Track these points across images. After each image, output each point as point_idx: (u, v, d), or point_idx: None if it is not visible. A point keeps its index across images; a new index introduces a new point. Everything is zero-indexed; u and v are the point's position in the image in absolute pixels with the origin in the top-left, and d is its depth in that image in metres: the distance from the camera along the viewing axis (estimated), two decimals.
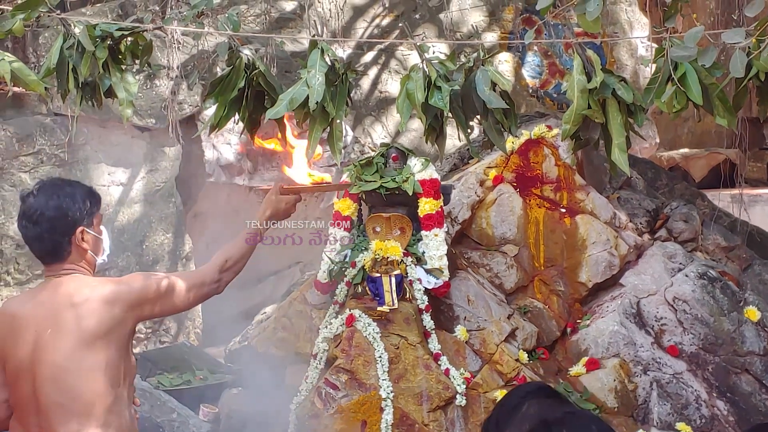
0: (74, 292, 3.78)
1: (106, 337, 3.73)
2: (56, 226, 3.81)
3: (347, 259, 5.97)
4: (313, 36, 4.98)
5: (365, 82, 11.25)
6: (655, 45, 4.72)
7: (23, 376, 3.78)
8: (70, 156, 8.72)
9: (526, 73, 11.62)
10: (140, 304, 3.83)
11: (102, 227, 4.02)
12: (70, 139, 8.65)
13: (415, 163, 6.03)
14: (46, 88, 5.19)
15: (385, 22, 11.35)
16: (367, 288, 5.82)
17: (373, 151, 9.20)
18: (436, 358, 5.70)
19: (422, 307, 5.79)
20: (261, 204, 4.40)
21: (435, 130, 5.00)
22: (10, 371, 3.83)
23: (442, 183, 6.22)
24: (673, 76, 4.40)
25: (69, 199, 3.85)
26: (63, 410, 3.71)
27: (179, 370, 7.24)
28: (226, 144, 9.88)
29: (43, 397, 3.73)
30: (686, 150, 14.43)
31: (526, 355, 6.04)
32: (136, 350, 8.49)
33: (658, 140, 12.68)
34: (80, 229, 3.83)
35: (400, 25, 11.11)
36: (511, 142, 6.53)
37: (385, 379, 5.48)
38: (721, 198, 8.22)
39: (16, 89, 7.61)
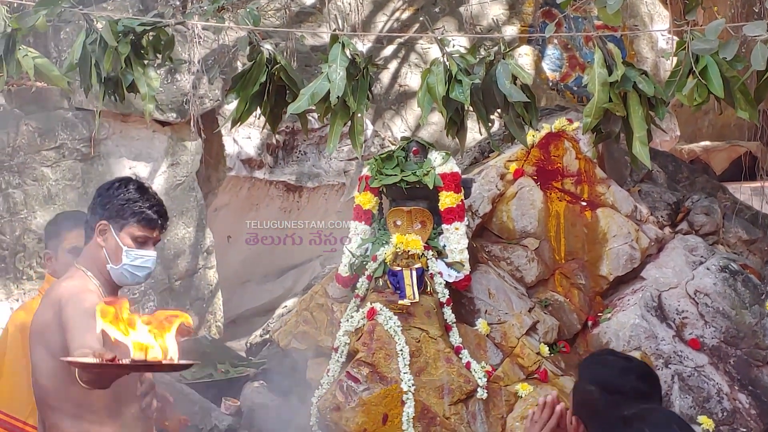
0: (54, 285, 3.83)
1: (40, 335, 3.74)
2: (91, 206, 3.86)
3: (368, 253, 5.99)
4: (334, 30, 5.00)
5: (385, 76, 11.26)
6: (676, 38, 4.70)
7: (32, 356, 3.86)
8: (93, 150, 8.76)
9: (547, 66, 11.61)
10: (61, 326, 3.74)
11: (143, 246, 3.94)
12: (93, 133, 8.69)
13: (435, 156, 6.04)
14: (68, 83, 5.23)
15: (405, 15, 11.35)
16: (388, 281, 5.83)
17: (393, 144, 9.22)
18: (457, 351, 5.71)
19: (443, 300, 5.79)
20: None
21: (456, 124, 5.01)
22: (29, 351, 3.92)
23: (463, 176, 6.23)
24: (694, 68, 4.39)
25: (111, 191, 3.87)
26: (41, 403, 3.78)
27: (201, 364, 7.28)
28: (246, 138, 9.91)
29: (34, 385, 3.82)
30: (707, 143, 14.36)
31: (547, 348, 6.04)
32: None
33: (678, 133, 12.64)
34: (102, 222, 3.84)
35: (420, 18, 11.11)
36: (532, 136, 6.53)
37: (406, 373, 5.49)
38: (743, 191, 8.19)
39: (39, 84, 7.66)
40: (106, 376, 3.25)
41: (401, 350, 5.54)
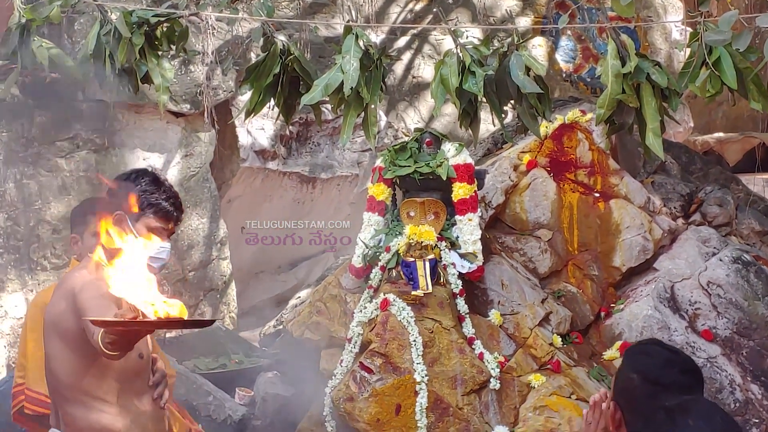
0: (69, 275, 3.85)
1: (55, 324, 3.76)
2: (111, 196, 3.88)
3: (381, 244, 6.00)
4: (348, 22, 5.01)
5: (399, 68, 11.25)
6: (689, 29, 4.71)
7: (46, 345, 3.90)
8: (106, 141, 8.79)
9: (560, 57, 11.59)
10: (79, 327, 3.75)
11: (162, 237, 3.97)
12: (107, 124, 8.72)
13: (449, 147, 6.04)
14: (83, 73, 5.26)
15: (419, 6, 11.35)
16: (401, 272, 5.84)
17: (406, 136, 9.23)
18: (470, 342, 5.72)
19: (456, 291, 5.80)
20: None
21: (469, 115, 5.03)
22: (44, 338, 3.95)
23: (476, 167, 6.23)
24: (707, 60, 4.40)
25: (130, 184, 3.89)
26: (54, 391, 3.81)
27: (215, 354, 7.31)
28: (260, 129, 9.93)
29: (48, 373, 3.84)
30: (721, 134, 14.32)
31: (560, 339, 6.05)
32: (171, 335, 8.57)
33: (692, 124, 12.61)
34: (119, 212, 3.87)
35: (434, 10, 11.10)
36: (545, 127, 6.52)
37: (419, 363, 5.51)
38: (756, 182, 8.19)
39: (53, 75, 7.68)
40: (129, 336, 3.26)
41: (414, 341, 5.55)
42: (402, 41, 11.24)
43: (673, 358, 3.21)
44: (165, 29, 5.23)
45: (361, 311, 5.82)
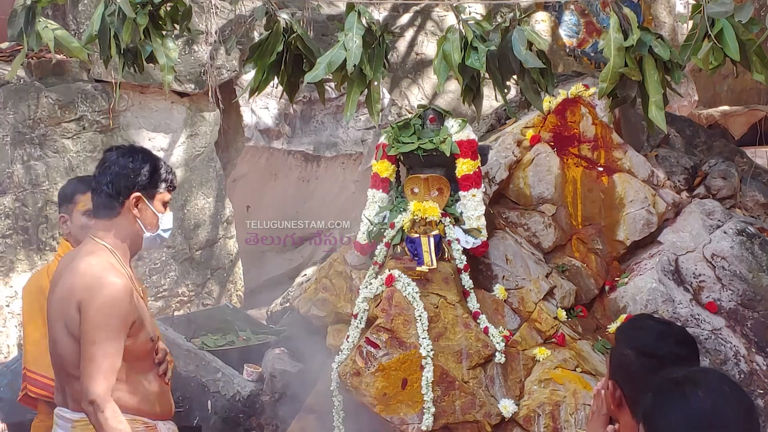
0: (77, 259, 3.88)
1: (63, 314, 3.80)
2: (115, 182, 3.91)
3: (386, 221, 6.02)
4: None
5: (402, 45, 11.26)
6: (692, 1, 4.71)
7: (49, 329, 3.94)
8: (112, 122, 8.82)
9: (563, 32, 11.59)
10: (80, 310, 3.81)
11: (166, 209, 4.07)
12: (113, 105, 8.76)
13: (452, 124, 6.06)
14: (88, 54, 5.28)
15: None
16: (406, 248, 5.86)
17: (410, 113, 9.25)
18: (475, 316, 5.75)
19: (461, 266, 5.83)
20: None
21: (472, 91, 5.04)
22: (47, 320, 4.00)
23: (480, 143, 6.25)
24: (709, 32, 4.41)
25: (137, 163, 3.93)
26: (67, 372, 3.84)
27: (222, 331, 7.36)
28: (264, 108, 9.95)
29: (55, 357, 3.88)
30: (726, 107, 14.30)
31: (565, 313, 6.07)
32: (180, 312, 8.63)
33: (696, 98, 12.60)
34: (136, 194, 3.92)
35: None
36: (548, 102, 6.53)
37: (425, 338, 5.54)
38: (761, 155, 8.20)
39: (58, 56, 7.71)
40: None
41: (420, 316, 5.58)
42: (405, 18, 11.25)
43: (667, 330, 3.23)
44: (169, 9, 5.23)
45: (366, 287, 5.85)
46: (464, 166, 5.95)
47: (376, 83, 5.07)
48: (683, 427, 2.53)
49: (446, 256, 5.85)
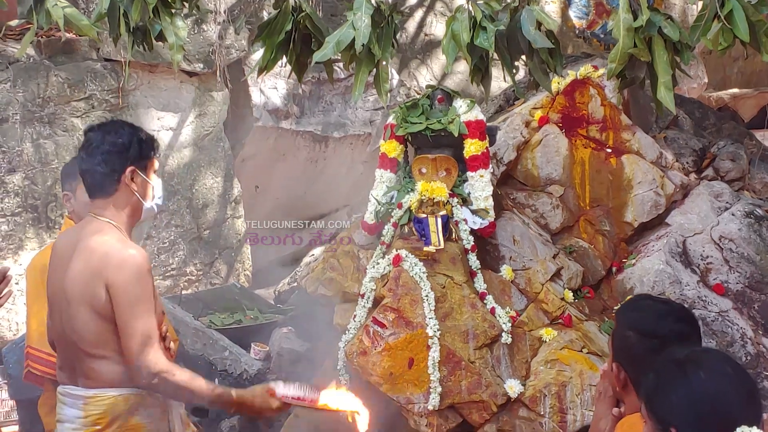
0: (88, 238, 3.88)
1: (85, 291, 3.81)
2: (108, 160, 3.91)
3: (394, 201, 6.02)
4: None
5: (411, 25, 11.24)
6: None
7: (55, 310, 3.95)
8: (121, 101, 8.83)
9: (573, 13, 11.52)
10: (109, 287, 3.80)
11: (155, 175, 4.11)
12: (122, 84, 8.77)
13: (460, 104, 6.05)
14: (97, 32, 5.28)
15: None
16: (413, 228, 5.87)
17: (418, 94, 9.24)
18: (482, 297, 5.75)
19: (468, 247, 5.83)
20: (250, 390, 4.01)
21: (480, 71, 5.03)
22: (48, 301, 4.01)
23: (488, 124, 6.24)
24: (719, 13, 4.39)
25: (126, 138, 3.94)
26: (80, 349, 3.85)
27: (230, 311, 7.38)
28: (273, 88, 9.95)
29: (67, 335, 3.89)
30: (735, 90, 14.26)
31: (572, 294, 6.08)
32: (188, 291, 8.65)
33: (706, 80, 12.56)
34: (131, 168, 3.93)
35: None
36: (557, 83, 6.53)
37: (431, 318, 5.54)
38: None
39: (68, 35, 7.71)
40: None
41: (426, 296, 5.59)
42: None
43: (666, 309, 3.23)
44: None
45: (373, 267, 5.86)
46: (472, 147, 5.95)
47: (384, 63, 5.07)
48: (684, 408, 2.53)
49: (453, 236, 5.86)
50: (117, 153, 3.92)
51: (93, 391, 3.84)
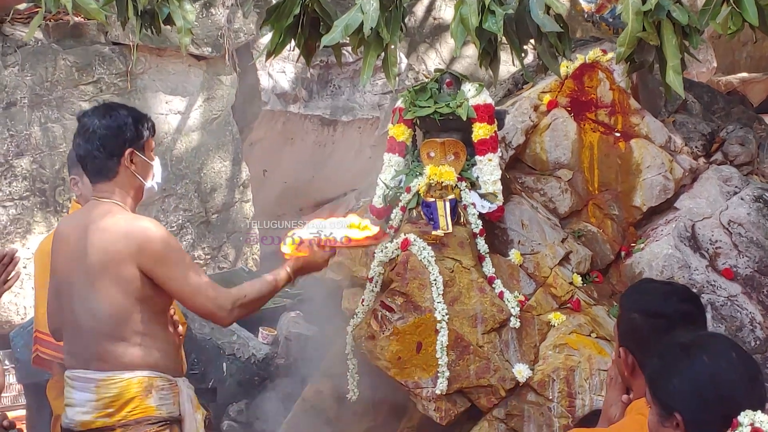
0: (98, 219, 3.90)
1: (111, 271, 3.83)
2: (106, 145, 3.93)
3: (402, 185, 6.02)
4: None
5: (419, 9, 11.21)
6: None
7: (64, 294, 3.96)
8: (129, 85, 8.83)
9: None
10: (145, 264, 3.83)
11: (154, 154, 4.12)
12: (130, 68, 8.77)
13: (469, 88, 6.04)
14: (105, 16, 5.27)
15: None
16: (421, 213, 5.86)
17: (427, 78, 9.23)
18: (490, 281, 5.75)
19: (476, 231, 5.83)
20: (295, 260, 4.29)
21: (489, 55, 5.02)
22: (55, 287, 4.01)
23: (496, 108, 6.23)
24: None
25: (121, 121, 3.95)
26: (94, 331, 3.86)
27: None
28: (281, 72, 9.94)
29: (78, 318, 3.90)
30: (744, 74, 14.20)
31: (580, 278, 6.07)
32: None
33: (715, 64, 12.53)
34: (129, 150, 3.94)
35: None
36: (566, 67, 6.50)
37: (440, 302, 5.54)
38: None
39: (76, 18, 7.71)
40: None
41: (435, 280, 5.59)
42: None
43: (670, 289, 3.23)
44: None
45: (382, 251, 5.85)
46: (481, 131, 5.94)
47: (393, 47, 5.05)
48: (687, 393, 2.53)
49: (462, 220, 5.85)
50: (114, 137, 3.93)
51: (106, 374, 3.86)
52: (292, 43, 5.29)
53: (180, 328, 4.20)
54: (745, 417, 2.42)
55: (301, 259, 4.31)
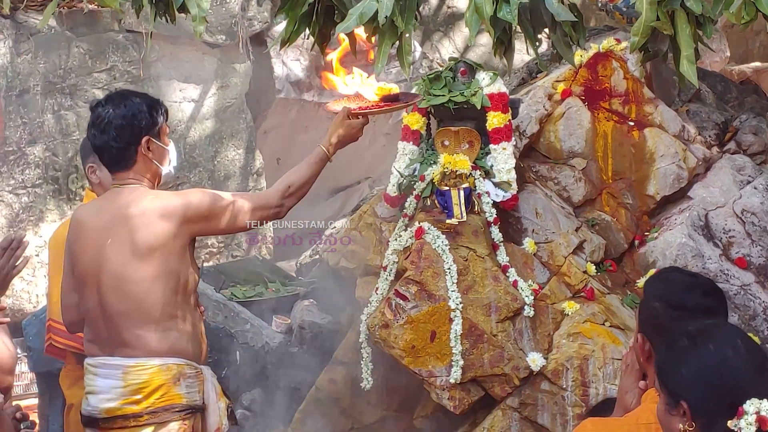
0: (132, 203, 3.91)
1: (159, 250, 3.85)
2: (122, 134, 3.94)
3: (416, 173, 6.02)
4: None
5: None
6: None
7: (89, 282, 3.96)
8: (143, 73, 8.85)
9: None
10: (195, 220, 3.91)
11: (169, 139, 4.13)
12: (144, 55, 8.78)
13: (483, 77, 6.04)
14: (119, 3, 5.27)
15: None
16: (435, 201, 5.87)
17: (441, 66, 9.22)
18: (504, 270, 5.76)
19: (490, 219, 5.83)
20: (328, 127, 4.41)
21: (503, 44, 5.01)
22: (77, 277, 4.03)
23: (511, 97, 6.22)
24: None
25: (135, 109, 3.96)
26: (126, 317, 3.88)
27: (252, 283, 7.40)
28: (295, 60, 9.94)
29: (108, 304, 3.91)
30: (758, 63, 14.13)
31: (594, 267, 6.07)
32: (209, 264, 8.68)
33: (728, 54, 12.48)
34: (146, 138, 3.96)
35: None
36: (580, 56, 6.49)
37: (454, 291, 5.55)
38: None
39: (90, 6, 7.72)
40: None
41: (449, 269, 5.59)
42: None
43: (694, 282, 3.22)
44: None
45: (396, 239, 5.87)
46: (495, 120, 5.94)
47: (407, 35, 5.04)
48: (693, 381, 2.53)
49: (476, 209, 5.85)
50: (129, 126, 3.95)
51: (135, 360, 3.87)
52: (307, 31, 5.29)
53: (202, 308, 4.22)
54: (751, 405, 2.42)
55: (335, 134, 4.44)
